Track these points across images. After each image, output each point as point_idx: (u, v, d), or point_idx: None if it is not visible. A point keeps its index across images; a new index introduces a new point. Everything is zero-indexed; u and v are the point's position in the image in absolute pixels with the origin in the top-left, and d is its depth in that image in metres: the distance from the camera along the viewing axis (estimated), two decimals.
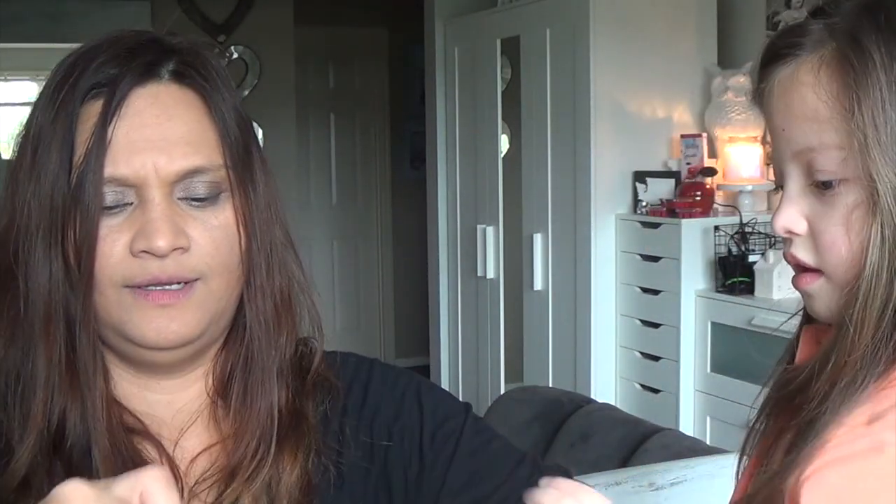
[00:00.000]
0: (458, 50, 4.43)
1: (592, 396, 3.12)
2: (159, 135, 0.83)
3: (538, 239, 3.90)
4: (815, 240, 0.79)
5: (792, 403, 0.79)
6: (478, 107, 4.31)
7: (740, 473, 0.92)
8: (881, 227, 0.74)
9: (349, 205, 6.30)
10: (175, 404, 0.92)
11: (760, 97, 0.83)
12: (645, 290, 3.59)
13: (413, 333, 6.02)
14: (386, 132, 6.32)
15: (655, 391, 3.57)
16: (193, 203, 0.85)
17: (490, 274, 4.28)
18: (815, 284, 0.80)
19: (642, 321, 3.61)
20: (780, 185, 0.83)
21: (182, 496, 0.87)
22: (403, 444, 0.94)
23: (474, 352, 4.45)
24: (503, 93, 4.22)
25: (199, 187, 0.85)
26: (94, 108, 0.82)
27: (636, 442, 1.97)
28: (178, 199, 0.84)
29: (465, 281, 4.47)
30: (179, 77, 0.86)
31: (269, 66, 5.31)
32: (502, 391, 4.01)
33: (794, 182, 0.80)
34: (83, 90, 0.83)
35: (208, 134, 0.86)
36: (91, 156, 0.81)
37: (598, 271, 3.66)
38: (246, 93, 5.28)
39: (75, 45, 0.89)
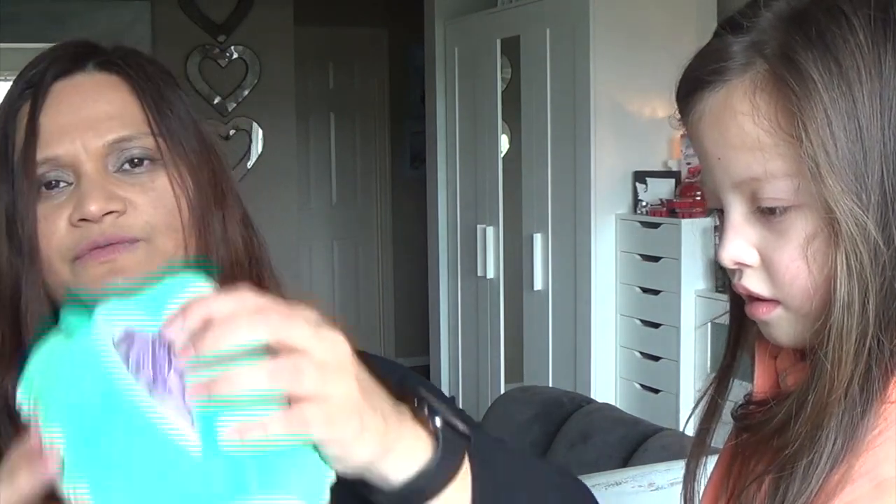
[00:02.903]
0: (458, 50, 4.43)
1: (592, 396, 3.12)
2: (85, 115, 0.88)
3: (538, 239, 3.90)
4: (771, 271, 0.73)
5: (769, 444, 0.74)
6: (478, 107, 4.31)
7: None
8: (846, 257, 0.68)
9: (349, 205, 6.29)
10: None
11: (686, 124, 0.77)
12: (645, 290, 3.59)
13: (413, 333, 6.02)
14: (386, 132, 6.31)
15: (655, 391, 3.57)
16: (130, 172, 0.88)
17: (490, 274, 4.28)
18: (772, 314, 0.75)
19: (642, 321, 3.62)
20: (715, 208, 0.77)
21: None
22: None
23: (474, 352, 4.45)
24: (503, 93, 4.22)
25: (132, 154, 0.88)
26: (27, 106, 0.89)
27: (636, 442, 1.97)
28: (115, 171, 0.88)
29: (465, 281, 4.47)
30: (104, 66, 0.91)
31: (269, 66, 5.30)
32: (502, 391, 4.01)
33: (737, 211, 0.74)
34: (17, 92, 0.90)
35: (133, 109, 0.90)
36: (24, 144, 0.87)
37: (598, 271, 3.66)
38: (246, 93, 5.28)
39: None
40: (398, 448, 0.65)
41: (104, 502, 0.55)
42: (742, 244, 0.74)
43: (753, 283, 0.75)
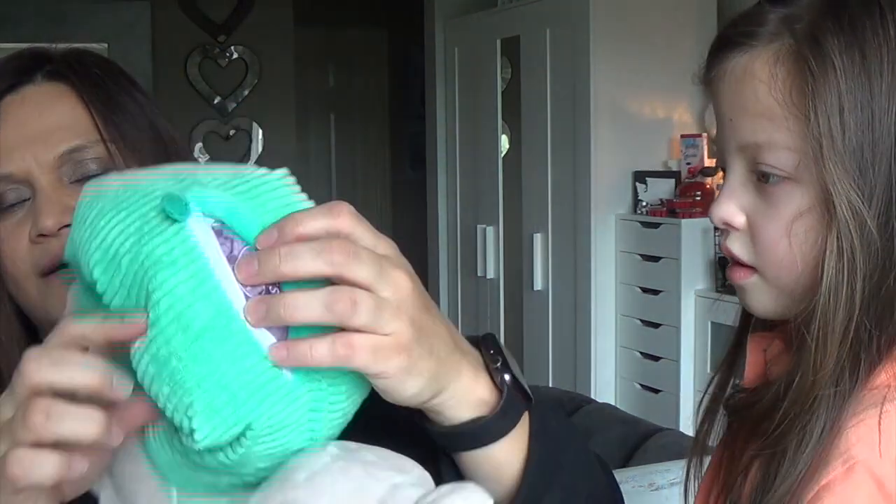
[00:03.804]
0: (458, 50, 4.43)
1: (592, 396, 3.12)
2: (34, 128, 0.87)
3: (538, 239, 3.90)
4: (753, 237, 0.75)
5: (757, 429, 0.75)
6: (478, 107, 4.31)
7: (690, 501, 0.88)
8: (837, 239, 0.69)
9: None
10: None
11: (709, 83, 0.79)
12: (645, 290, 3.59)
13: None
14: (386, 132, 6.32)
15: (655, 391, 3.57)
16: (86, 182, 0.87)
17: (490, 274, 4.28)
18: (748, 280, 0.77)
19: (642, 321, 3.61)
20: (722, 168, 0.80)
21: None
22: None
23: None
24: (503, 93, 4.22)
25: (88, 165, 0.87)
26: None
27: (636, 442, 1.97)
28: (72, 182, 0.87)
29: (465, 281, 4.47)
30: (51, 76, 0.90)
31: (269, 66, 5.30)
32: None
33: (736, 174, 0.76)
34: None
35: (82, 117, 0.89)
36: None
37: (598, 271, 3.66)
38: (246, 93, 5.28)
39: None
40: (453, 391, 0.68)
41: (206, 413, 0.56)
42: (733, 206, 0.76)
43: (736, 246, 0.77)
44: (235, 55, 5.27)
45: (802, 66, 0.70)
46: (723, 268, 3.34)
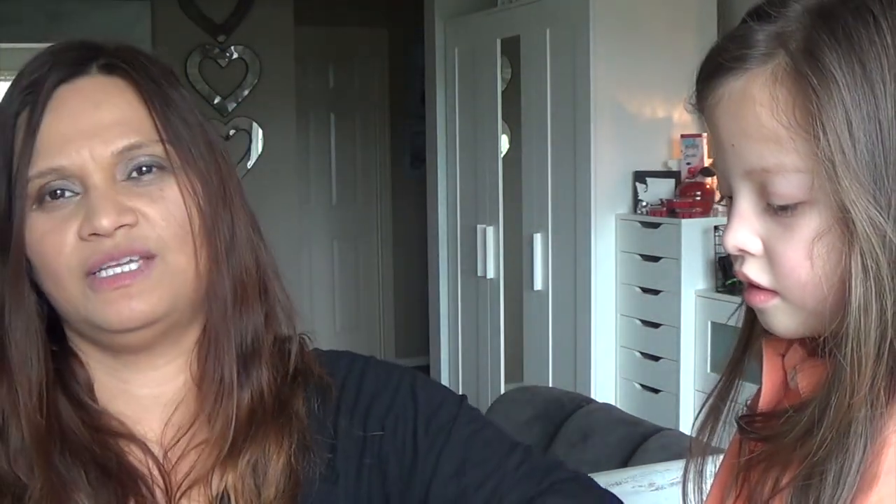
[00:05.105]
0: (458, 50, 4.43)
1: (592, 396, 3.12)
2: (90, 122, 0.85)
3: (538, 239, 3.90)
4: (772, 262, 0.73)
5: (787, 454, 0.72)
6: (478, 107, 4.31)
7: None
8: (861, 257, 0.66)
9: (349, 205, 6.29)
10: (161, 398, 0.92)
11: (703, 110, 0.76)
12: (645, 290, 3.59)
13: (413, 333, 6.02)
14: (386, 132, 6.31)
15: (655, 391, 3.57)
16: (138, 180, 0.86)
17: (490, 274, 4.28)
18: (770, 303, 0.74)
19: (642, 321, 3.61)
20: (726, 195, 0.76)
21: (170, 495, 0.87)
22: (397, 434, 0.95)
23: (474, 352, 4.45)
24: (503, 93, 4.22)
25: (141, 162, 0.86)
26: (27, 113, 0.85)
27: (636, 442, 1.97)
28: (123, 181, 0.85)
29: (465, 281, 4.47)
30: (107, 69, 0.88)
31: (269, 66, 5.30)
32: (502, 391, 4.01)
33: (746, 200, 0.73)
34: (17, 98, 0.86)
35: (140, 114, 0.87)
36: (23, 154, 0.84)
37: (598, 271, 3.66)
38: (246, 93, 5.28)
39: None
40: None
41: None
42: (747, 233, 0.73)
43: (754, 271, 0.74)
44: (235, 55, 5.27)
45: (803, 84, 0.68)
46: (723, 268, 3.35)
